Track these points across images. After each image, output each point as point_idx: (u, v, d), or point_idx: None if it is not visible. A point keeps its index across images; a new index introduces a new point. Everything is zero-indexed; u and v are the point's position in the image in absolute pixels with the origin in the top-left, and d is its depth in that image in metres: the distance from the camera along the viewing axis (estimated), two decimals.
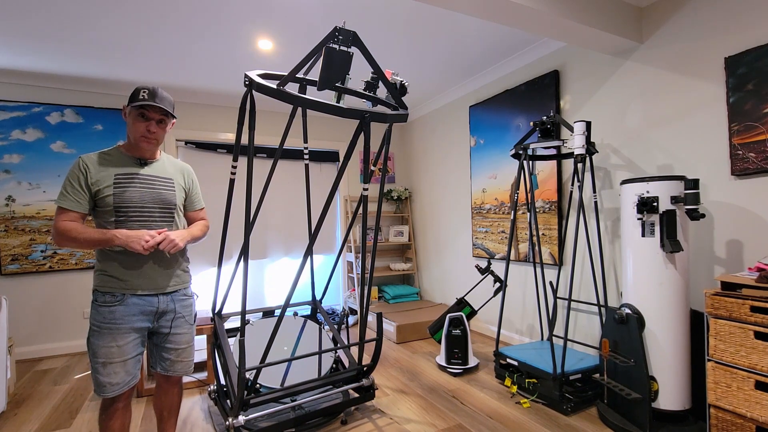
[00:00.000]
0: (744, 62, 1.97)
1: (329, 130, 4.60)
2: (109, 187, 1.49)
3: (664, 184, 1.93)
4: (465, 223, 3.94)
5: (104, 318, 1.47)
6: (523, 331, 3.31)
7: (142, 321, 1.54)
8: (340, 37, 1.68)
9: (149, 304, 1.55)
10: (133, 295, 1.52)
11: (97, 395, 1.52)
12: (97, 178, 1.49)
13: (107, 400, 1.52)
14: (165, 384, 1.71)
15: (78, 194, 1.47)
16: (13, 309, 3.34)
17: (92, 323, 1.49)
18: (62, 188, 1.48)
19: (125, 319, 1.50)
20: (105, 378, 1.47)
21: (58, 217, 1.47)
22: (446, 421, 2.17)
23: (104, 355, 1.47)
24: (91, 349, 1.48)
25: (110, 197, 1.49)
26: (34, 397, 2.60)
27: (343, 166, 1.95)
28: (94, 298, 1.51)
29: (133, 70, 3.26)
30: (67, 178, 1.48)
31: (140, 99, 1.50)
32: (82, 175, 1.48)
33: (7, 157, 3.30)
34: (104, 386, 1.47)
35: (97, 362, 1.47)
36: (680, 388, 1.94)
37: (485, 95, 3.63)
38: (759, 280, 1.60)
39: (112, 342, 1.48)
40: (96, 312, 1.48)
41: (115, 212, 1.50)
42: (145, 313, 1.55)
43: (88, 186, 1.48)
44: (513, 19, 2.16)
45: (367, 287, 2.15)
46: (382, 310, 3.99)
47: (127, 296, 1.51)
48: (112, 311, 1.48)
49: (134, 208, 1.53)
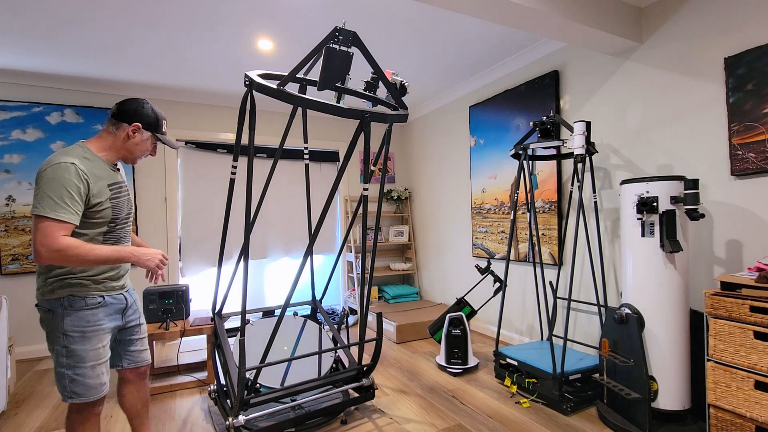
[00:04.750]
0: (744, 62, 1.97)
1: (329, 130, 4.60)
2: (107, 200, 1.45)
3: (663, 184, 1.93)
4: (465, 223, 3.94)
5: (88, 322, 1.43)
6: (522, 331, 3.31)
7: (116, 320, 1.54)
8: (341, 37, 1.68)
9: (120, 302, 1.55)
10: (108, 295, 1.50)
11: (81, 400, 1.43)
12: (96, 191, 1.40)
13: (88, 404, 1.46)
14: (135, 378, 1.68)
15: (77, 206, 1.34)
16: (13, 309, 3.34)
17: (72, 330, 1.40)
18: (55, 197, 1.30)
19: (106, 319, 1.49)
20: (95, 380, 1.44)
21: (55, 231, 1.29)
22: (446, 420, 2.17)
23: (93, 357, 1.44)
24: (76, 356, 1.40)
25: (109, 210, 1.45)
26: (34, 397, 2.60)
27: (343, 166, 1.95)
28: (67, 304, 1.40)
29: (134, 70, 3.26)
30: (63, 186, 1.31)
31: (163, 132, 1.61)
32: (83, 186, 1.36)
33: (7, 157, 3.30)
34: (94, 388, 1.44)
35: (84, 367, 1.41)
36: (680, 388, 1.94)
37: (485, 95, 3.63)
38: (759, 280, 1.60)
39: (99, 344, 1.45)
40: (76, 318, 1.41)
41: (108, 224, 1.47)
42: (118, 311, 1.55)
43: (87, 198, 1.38)
44: (513, 19, 2.17)
45: (367, 287, 2.15)
46: (382, 310, 3.99)
47: (105, 297, 1.49)
48: (95, 313, 1.45)
49: (122, 218, 1.53)
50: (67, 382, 1.40)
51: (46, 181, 1.31)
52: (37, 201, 1.30)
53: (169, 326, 2.64)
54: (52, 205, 1.30)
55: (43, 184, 1.31)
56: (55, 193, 1.30)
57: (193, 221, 3.95)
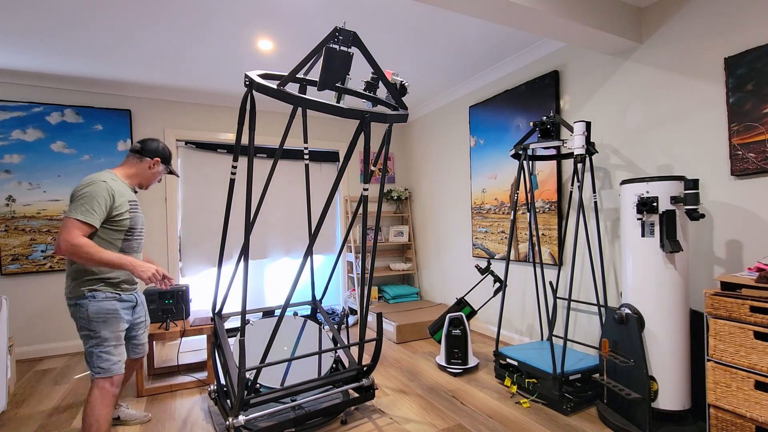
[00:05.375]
0: (744, 62, 1.97)
1: (329, 130, 4.60)
2: (127, 212, 1.81)
3: (663, 185, 1.93)
4: (465, 223, 3.94)
5: (108, 310, 1.76)
6: (523, 331, 3.31)
7: (128, 314, 1.88)
8: (341, 37, 1.68)
9: (131, 300, 1.90)
10: (123, 293, 1.84)
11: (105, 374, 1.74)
12: (119, 203, 1.77)
13: (108, 383, 1.75)
14: (134, 363, 2.10)
15: (101, 214, 1.70)
16: (13, 309, 3.34)
17: (96, 316, 1.73)
18: (86, 204, 1.66)
19: (122, 311, 1.82)
20: (118, 357, 1.78)
21: (78, 230, 1.63)
22: (446, 421, 2.17)
23: (116, 338, 1.78)
24: (100, 337, 1.73)
25: (127, 220, 1.81)
26: (34, 397, 2.60)
27: (343, 166, 1.95)
28: (91, 297, 1.73)
29: (134, 70, 3.26)
30: (93, 198, 1.67)
31: (171, 164, 2.06)
32: (109, 199, 1.73)
33: (7, 157, 3.30)
34: (118, 363, 1.77)
35: (109, 345, 1.75)
36: (680, 388, 1.94)
37: (485, 95, 3.63)
38: (759, 280, 1.60)
39: (118, 327, 1.79)
40: (98, 307, 1.74)
41: (126, 232, 1.82)
42: (129, 307, 1.89)
43: (111, 208, 1.74)
44: (513, 19, 2.17)
45: (367, 287, 2.15)
46: (382, 310, 3.99)
47: (121, 294, 1.83)
48: (113, 304, 1.78)
49: (138, 230, 1.89)
50: (95, 359, 1.73)
51: (82, 195, 1.68)
52: (71, 207, 1.67)
53: (169, 326, 2.64)
54: (81, 210, 1.65)
55: (79, 196, 1.68)
56: (87, 201, 1.67)
57: (193, 221, 3.95)
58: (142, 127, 3.75)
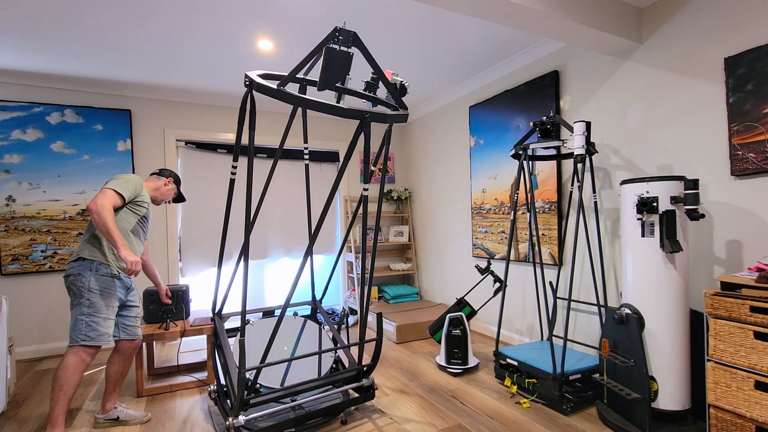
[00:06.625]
0: (744, 63, 1.97)
1: (329, 131, 4.60)
2: (146, 204, 2.21)
3: (663, 185, 1.93)
4: (465, 224, 3.94)
5: (105, 284, 2.01)
6: (523, 331, 3.31)
7: (122, 294, 2.12)
8: (341, 37, 1.68)
9: (126, 282, 2.16)
10: (119, 272, 2.08)
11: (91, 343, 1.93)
12: (143, 198, 2.19)
13: (88, 350, 1.95)
14: (126, 350, 2.20)
15: (130, 195, 2.08)
16: (13, 309, 3.34)
17: (94, 287, 1.97)
18: (123, 183, 2.04)
19: (117, 289, 2.07)
20: (105, 329, 1.98)
21: (109, 197, 1.95)
22: (446, 421, 2.17)
23: (107, 312, 2.00)
24: (94, 307, 1.96)
25: (147, 211, 2.22)
26: (34, 397, 2.60)
27: (343, 166, 1.95)
28: (94, 269, 1.98)
29: (134, 70, 3.26)
30: (129, 181, 2.09)
31: (180, 187, 2.48)
32: (139, 188, 2.16)
33: (7, 157, 3.30)
34: (102, 335, 1.97)
35: (98, 316, 1.96)
36: (680, 388, 1.94)
37: (485, 95, 3.63)
38: (759, 280, 1.60)
39: (111, 302, 2.03)
40: (98, 278, 1.99)
41: (140, 220, 2.19)
42: (124, 287, 2.14)
43: (136, 195, 2.13)
44: (513, 20, 2.17)
45: (367, 287, 2.15)
46: (382, 310, 3.99)
47: (120, 274, 2.08)
48: (112, 281, 2.04)
49: (148, 220, 2.26)
50: (83, 326, 1.93)
51: (120, 177, 2.09)
52: (110, 182, 2.04)
53: (169, 326, 2.64)
54: (118, 185, 2.03)
55: (118, 177, 2.08)
56: (124, 182, 2.07)
57: (193, 221, 3.95)
58: (142, 127, 3.75)
